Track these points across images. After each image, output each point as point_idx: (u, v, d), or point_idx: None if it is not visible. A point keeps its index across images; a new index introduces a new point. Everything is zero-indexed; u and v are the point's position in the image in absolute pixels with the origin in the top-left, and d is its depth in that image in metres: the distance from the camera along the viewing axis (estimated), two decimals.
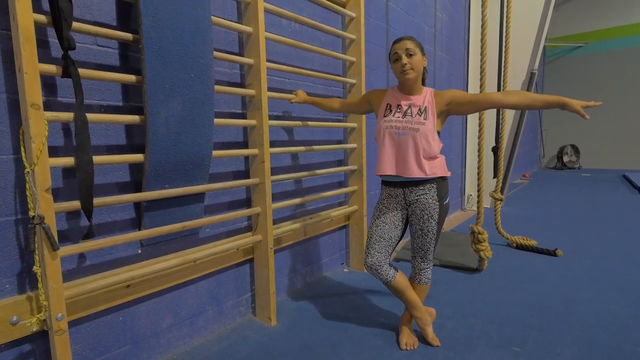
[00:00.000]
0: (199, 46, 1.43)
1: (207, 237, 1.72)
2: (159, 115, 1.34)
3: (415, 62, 1.50)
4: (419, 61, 1.52)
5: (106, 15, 1.33)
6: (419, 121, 1.51)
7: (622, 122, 8.52)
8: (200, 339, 1.71)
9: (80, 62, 1.26)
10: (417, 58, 1.51)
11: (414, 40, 1.52)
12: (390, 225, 1.60)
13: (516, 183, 6.90)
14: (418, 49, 1.52)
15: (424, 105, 1.54)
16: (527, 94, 1.49)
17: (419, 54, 1.51)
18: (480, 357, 1.55)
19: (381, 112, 1.62)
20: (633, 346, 1.59)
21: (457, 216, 4.27)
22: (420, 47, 1.53)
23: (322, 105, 1.96)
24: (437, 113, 1.54)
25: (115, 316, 1.39)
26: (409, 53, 1.50)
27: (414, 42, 1.52)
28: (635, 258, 2.69)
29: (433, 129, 1.52)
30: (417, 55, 1.51)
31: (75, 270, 1.28)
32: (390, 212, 1.61)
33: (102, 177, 1.33)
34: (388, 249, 1.59)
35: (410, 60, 1.49)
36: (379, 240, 1.58)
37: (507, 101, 1.48)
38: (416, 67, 1.51)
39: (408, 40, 1.51)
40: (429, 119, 1.52)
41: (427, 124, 1.51)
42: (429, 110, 1.53)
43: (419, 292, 1.67)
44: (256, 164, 1.81)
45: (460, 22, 4.33)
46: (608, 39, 8.59)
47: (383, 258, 1.58)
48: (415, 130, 1.51)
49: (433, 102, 1.54)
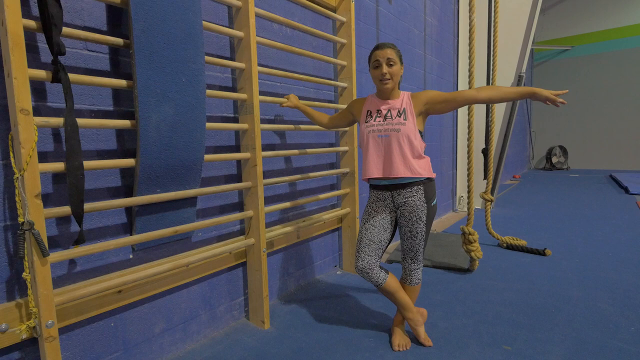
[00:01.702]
0: (190, 51, 1.43)
1: (200, 241, 1.72)
2: (150, 120, 1.34)
3: (394, 71, 1.55)
4: (398, 70, 1.57)
5: (96, 20, 1.33)
6: (399, 122, 1.56)
7: (609, 123, 8.72)
8: (193, 344, 1.70)
9: (70, 67, 1.25)
10: (396, 68, 1.56)
11: (395, 49, 1.57)
12: (379, 228, 1.62)
13: (506, 184, 7.00)
14: (398, 58, 1.56)
15: (402, 107, 1.58)
16: (499, 88, 1.54)
17: (398, 64, 1.56)
18: (471, 356, 1.57)
19: (362, 119, 1.67)
20: (621, 344, 1.63)
21: (449, 217, 4.32)
22: (399, 56, 1.58)
23: (311, 117, 1.98)
24: (416, 113, 1.58)
25: (107, 322, 1.38)
26: (389, 62, 1.55)
27: (395, 51, 1.56)
28: (622, 257, 2.75)
29: (414, 129, 1.56)
30: (397, 65, 1.56)
31: (65, 276, 1.27)
32: (379, 214, 1.63)
33: (92, 182, 1.33)
34: (378, 251, 1.62)
35: (390, 70, 1.55)
36: (369, 244, 1.61)
37: (480, 96, 1.54)
38: (394, 77, 1.57)
39: (389, 49, 1.55)
40: (408, 119, 1.56)
41: (408, 123, 1.55)
42: (408, 111, 1.57)
43: (410, 293, 1.69)
44: (248, 167, 1.81)
45: (449, 26, 4.40)
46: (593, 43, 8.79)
47: (373, 261, 1.60)
48: (396, 131, 1.55)
49: (411, 103, 1.59)
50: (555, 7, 9.18)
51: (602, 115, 8.78)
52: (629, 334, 1.70)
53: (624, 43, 8.41)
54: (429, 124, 3.92)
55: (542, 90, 1.47)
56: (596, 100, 8.83)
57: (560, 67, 9.31)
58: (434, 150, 4.03)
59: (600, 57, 8.73)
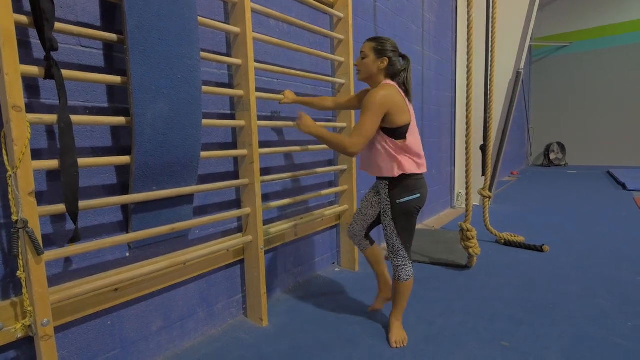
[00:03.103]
0: (185, 47, 1.42)
1: (197, 239, 1.71)
2: (146, 117, 1.32)
3: (364, 64, 1.58)
4: (369, 63, 1.57)
5: (90, 16, 1.31)
6: None
7: (606, 120, 8.72)
8: (190, 341, 1.69)
9: (63, 63, 1.24)
10: (367, 61, 1.57)
11: (374, 42, 1.57)
12: (367, 203, 1.79)
13: (504, 180, 7.01)
14: (372, 51, 1.56)
15: None
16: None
17: (371, 56, 1.56)
18: (470, 352, 1.57)
19: None
20: (619, 339, 1.63)
21: (447, 214, 4.32)
22: (376, 49, 1.56)
23: (313, 105, 2.00)
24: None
25: (103, 320, 1.38)
26: (362, 56, 1.58)
27: (371, 45, 1.57)
28: (620, 252, 2.75)
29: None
30: (369, 58, 1.57)
31: (61, 275, 1.26)
32: (369, 193, 1.80)
33: (87, 180, 1.32)
34: (363, 223, 1.81)
35: (360, 62, 1.60)
36: (358, 213, 1.83)
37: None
38: (363, 69, 1.59)
39: (367, 42, 1.59)
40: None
41: None
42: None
43: (401, 288, 1.66)
44: (245, 164, 1.80)
45: (447, 22, 4.38)
46: (591, 39, 8.78)
47: (358, 229, 1.84)
48: None
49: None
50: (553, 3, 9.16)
51: (600, 111, 8.79)
52: (627, 330, 1.70)
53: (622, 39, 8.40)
54: (428, 120, 3.91)
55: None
56: (594, 96, 8.83)
57: (558, 64, 9.30)
58: (432, 147, 4.02)
59: (598, 53, 8.72)
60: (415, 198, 1.57)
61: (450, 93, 4.51)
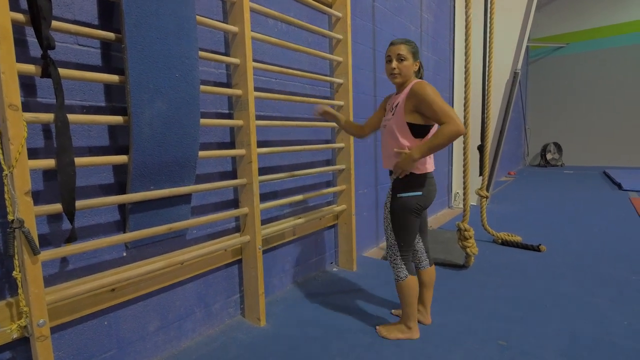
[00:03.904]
0: (183, 46, 1.41)
1: (195, 239, 1.71)
2: (143, 116, 1.32)
3: (404, 67, 1.55)
4: (409, 66, 1.56)
5: (87, 14, 1.30)
6: (389, 117, 1.62)
7: (602, 120, 8.77)
8: (188, 341, 1.69)
9: (60, 61, 1.23)
10: (407, 63, 1.55)
11: (409, 45, 1.56)
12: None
13: (501, 181, 7.03)
14: (410, 54, 1.55)
15: (397, 102, 1.59)
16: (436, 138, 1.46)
17: (410, 60, 1.55)
18: (467, 351, 1.57)
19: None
20: (615, 338, 1.64)
21: (444, 214, 4.33)
22: (413, 51, 1.56)
23: (351, 128, 1.91)
24: (410, 108, 1.52)
25: (100, 320, 1.37)
26: (400, 58, 1.55)
27: (408, 47, 1.55)
28: (615, 252, 2.77)
29: (400, 124, 1.54)
30: (408, 61, 1.55)
31: (57, 275, 1.25)
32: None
33: (84, 179, 1.31)
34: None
35: (399, 65, 1.55)
36: None
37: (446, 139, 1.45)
38: (404, 72, 1.56)
39: (403, 45, 1.55)
40: (396, 114, 1.57)
41: (393, 119, 1.58)
42: (399, 106, 1.56)
43: (397, 290, 1.66)
44: (243, 164, 1.80)
45: (445, 22, 4.39)
46: (588, 40, 8.82)
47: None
48: (384, 126, 1.66)
49: (405, 98, 1.54)
50: (550, 4, 9.19)
51: (595, 112, 8.84)
52: (623, 329, 1.71)
53: (618, 40, 8.45)
54: None
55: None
56: (590, 97, 8.88)
57: (555, 64, 9.34)
58: None
59: (594, 54, 8.77)
60: (417, 195, 1.56)
61: (448, 93, 4.52)
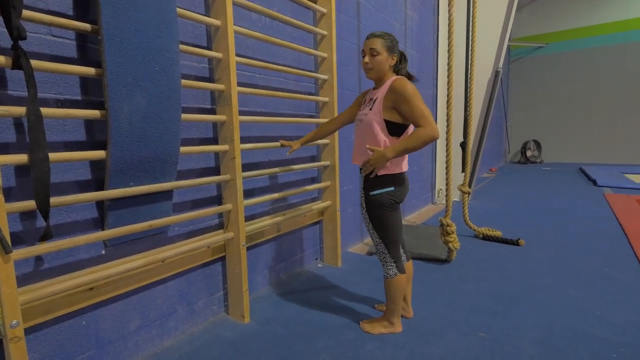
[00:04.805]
0: (163, 38, 1.38)
1: (177, 236, 1.68)
2: (122, 110, 1.28)
3: (376, 62, 1.53)
4: (382, 61, 1.52)
5: (61, 4, 1.25)
6: (365, 112, 1.59)
7: (579, 119, 9.07)
8: (170, 340, 1.66)
9: (33, 53, 1.18)
10: (381, 58, 1.52)
11: (383, 39, 1.52)
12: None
13: (483, 177, 7.19)
14: (384, 48, 1.51)
15: (376, 96, 1.56)
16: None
17: (384, 54, 1.52)
18: (449, 344, 1.61)
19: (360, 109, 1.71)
20: (588, 328, 1.71)
21: (428, 210, 4.40)
22: (388, 46, 1.52)
23: (318, 137, 1.93)
24: (388, 105, 1.51)
25: (78, 320, 1.33)
26: (372, 52, 1.52)
27: (381, 41, 1.51)
28: (589, 245, 2.88)
29: (378, 120, 1.52)
30: (381, 55, 1.52)
31: (32, 274, 1.21)
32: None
33: (60, 175, 1.27)
34: None
35: (372, 60, 1.53)
36: None
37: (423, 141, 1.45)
38: (377, 67, 1.54)
39: (376, 39, 1.52)
40: (373, 109, 1.55)
41: (370, 114, 1.56)
42: (377, 101, 1.54)
43: (384, 286, 1.66)
44: (227, 160, 1.78)
45: (429, 20, 4.43)
46: (567, 40, 9.08)
47: None
48: (360, 121, 1.62)
49: (384, 94, 1.53)
50: (530, 5, 9.41)
51: (573, 110, 9.13)
52: (595, 319, 1.79)
53: (595, 41, 8.73)
54: None
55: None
56: (568, 96, 9.16)
57: (535, 64, 9.58)
58: None
59: (573, 54, 9.04)
60: (388, 190, 1.54)
61: (431, 90, 4.58)
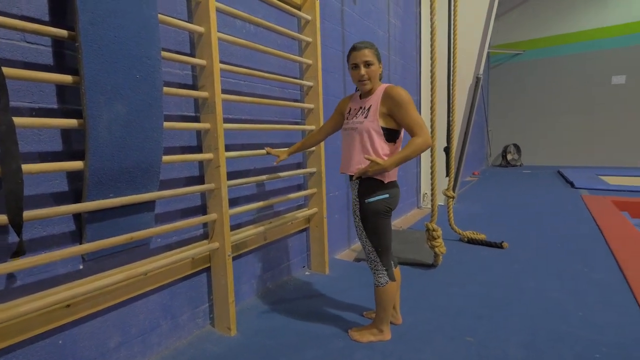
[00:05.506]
0: (144, 45, 1.35)
1: (159, 248, 1.63)
2: (101, 119, 1.24)
3: (372, 72, 1.55)
4: (376, 70, 1.57)
5: (36, 10, 1.21)
6: (360, 120, 1.58)
7: (556, 123, 9.39)
8: (153, 356, 1.61)
9: (4, 59, 1.13)
10: (374, 68, 1.55)
11: (372, 49, 1.56)
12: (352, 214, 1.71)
13: (466, 181, 7.32)
14: (375, 57, 1.56)
15: (369, 104, 1.58)
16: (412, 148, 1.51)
17: (376, 64, 1.56)
18: (436, 349, 1.61)
19: (345, 117, 1.70)
20: (570, 328, 1.75)
21: (414, 214, 4.44)
22: (377, 55, 1.57)
23: (305, 147, 1.96)
24: (383, 112, 1.54)
25: (54, 340, 1.27)
26: (367, 64, 1.54)
27: (372, 51, 1.55)
28: (570, 246, 2.95)
29: (375, 127, 1.54)
30: (375, 65, 1.55)
31: (3, 292, 1.15)
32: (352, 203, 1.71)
33: (34, 188, 1.21)
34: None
35: (367, 71, 1.55)
36: None
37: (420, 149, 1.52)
38: (373, 77, 1.57)
39: (367, 50, 1.54)
40: (369, 117, 1.56)
41: (366, 122, 1.56)
42: (372, 109, 1.56)
43: (374, 294, 1.65)
44: (211, 168, 1.74)
45: (412, 28, 4.51)
46: (543, 47, 9.41)
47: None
48: (353, 129, 1.60)
49: (378, 101, 1.55)
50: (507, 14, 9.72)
51: (550, 115, 9.44)
52: (577, 319, 1.83)
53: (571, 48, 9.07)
54: None
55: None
56: (545, 101, 9.47)
57: (513, 70, 9.88)
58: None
59: (549, 61, 9.36)
60: (383, 198, 1.56)
61: (415, 97, 4.65)
